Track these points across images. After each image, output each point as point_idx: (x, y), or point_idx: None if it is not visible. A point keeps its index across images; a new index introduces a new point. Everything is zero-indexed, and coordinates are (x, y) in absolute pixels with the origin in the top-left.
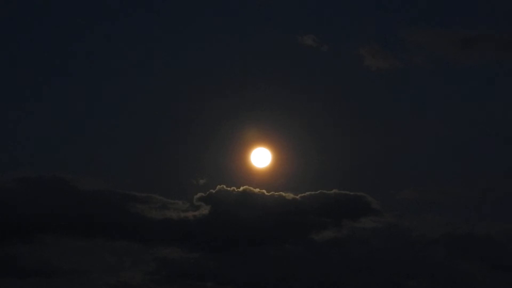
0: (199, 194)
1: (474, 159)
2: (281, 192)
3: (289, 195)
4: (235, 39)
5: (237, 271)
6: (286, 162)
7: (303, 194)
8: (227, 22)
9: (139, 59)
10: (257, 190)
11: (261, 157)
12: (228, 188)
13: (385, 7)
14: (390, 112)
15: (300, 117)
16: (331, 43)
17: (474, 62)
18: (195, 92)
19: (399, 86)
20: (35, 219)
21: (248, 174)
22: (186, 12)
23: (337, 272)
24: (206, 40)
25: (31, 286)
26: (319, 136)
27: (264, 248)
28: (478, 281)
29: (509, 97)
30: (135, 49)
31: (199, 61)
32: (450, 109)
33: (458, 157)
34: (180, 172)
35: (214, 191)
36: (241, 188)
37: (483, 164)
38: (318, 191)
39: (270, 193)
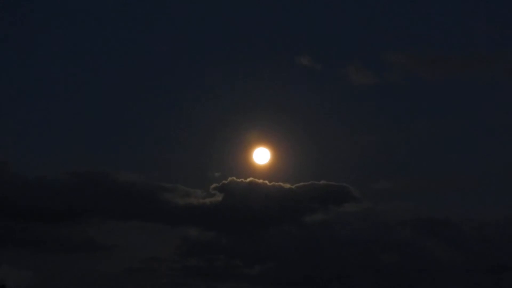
0: (214, 185)
1: (437, 156)
2: (280, 183)
3: (287, 185)
4: (236, 62)
5: (244, 246)
6: (284, 158)
7: (298, 184)
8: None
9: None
10: (260, 181)
11: (262, 155)
12: (238, 180)
13: (367, 31)
14: (371, 120)
15: (296, 123)
16: (324, 62)
17: (440, 78)
18: (212, 105)
19: (378, 99)
20: (83, 205)
21: (253, 169)
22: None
23: (324, 247)
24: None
25: (80, 258)
26: (312, 138)
27: (266, 228)
28: (436, 256)
29: (465, 106)
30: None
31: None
32: (419, 116)
33: (424, 155)
34: (199, 167)
35: (226, 182)
36: (248, 180)
37: (445, 161)
38: (310, 182)
39: (271, 183)
